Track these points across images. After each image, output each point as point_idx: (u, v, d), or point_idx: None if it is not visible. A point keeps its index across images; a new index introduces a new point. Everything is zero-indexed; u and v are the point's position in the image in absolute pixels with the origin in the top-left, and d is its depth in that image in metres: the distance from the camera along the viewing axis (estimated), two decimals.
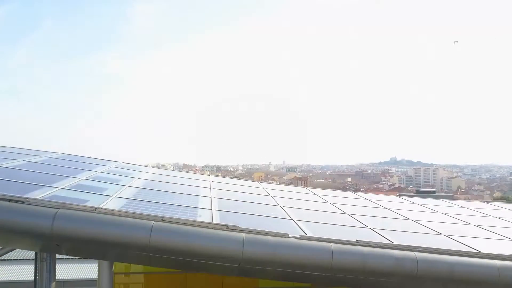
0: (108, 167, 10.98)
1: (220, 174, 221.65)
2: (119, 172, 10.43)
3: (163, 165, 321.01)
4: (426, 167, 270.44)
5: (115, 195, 7.33)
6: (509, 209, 12.39)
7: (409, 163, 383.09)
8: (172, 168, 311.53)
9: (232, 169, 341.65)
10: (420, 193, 27.19)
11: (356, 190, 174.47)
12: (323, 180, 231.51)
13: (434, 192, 27.33)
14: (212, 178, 12.23)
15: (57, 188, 7.12)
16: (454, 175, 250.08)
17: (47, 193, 6.57)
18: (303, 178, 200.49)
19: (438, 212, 10.57)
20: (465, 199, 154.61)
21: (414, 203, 12.06)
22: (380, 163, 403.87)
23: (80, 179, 8.40)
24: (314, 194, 11.63)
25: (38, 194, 6.33)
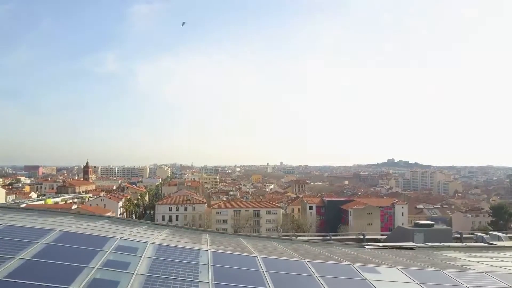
0: (105, 252, 10.81)
1: (218, 177, 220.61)
2: (116, 264, 10.28)
3: (160, 167, 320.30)
4: (423, 170, 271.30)
5: None
6: None
7: (407, 164, 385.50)
8: (169, 170, 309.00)
9: (229, 171, 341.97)
10: (418, 226, 27.14)
11: (354, 194, 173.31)
12: (320, 183, 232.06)
13: (433, 225, 27.30)
14: (210, 253, 12.08)
15: None
16: (451, 178, 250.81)
17: None
18: (301, 182, 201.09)
19: None
20: (462, 203, 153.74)
21: (416, 282, 11.91)
22: (377, 165, 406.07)
23: None
24: (314, 275, 11.50)
25: None
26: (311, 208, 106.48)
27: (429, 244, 21.10)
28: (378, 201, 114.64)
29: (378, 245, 19.47)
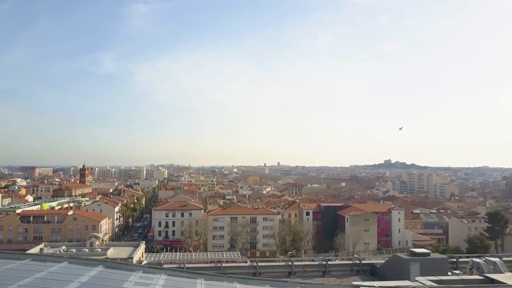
0: None
1: (215, 179, 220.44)
2: None
3: (157, 168, 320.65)
4: (420, 172, 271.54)
5: None
6: None
7: (403, 165, 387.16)
8: (166, 171, 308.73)
9: (227, 172, 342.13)
10: (414, 255, 27.01)
11: (350, 197, 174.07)
12: (317, 185, 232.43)
13: (428, 254, 27.27)
14: None
15: None
16: (448, 179, 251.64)
17: None
18: (298, 184, 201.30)
19: None
20: (458, 207, 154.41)
21: None
22: (374, 166, 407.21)
23: None
24: None
25: None
26: (308, 214, 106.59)
27: (426, 282, 21.00)
28: (374, 207, 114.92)
29: (375, 287, 19.36)
